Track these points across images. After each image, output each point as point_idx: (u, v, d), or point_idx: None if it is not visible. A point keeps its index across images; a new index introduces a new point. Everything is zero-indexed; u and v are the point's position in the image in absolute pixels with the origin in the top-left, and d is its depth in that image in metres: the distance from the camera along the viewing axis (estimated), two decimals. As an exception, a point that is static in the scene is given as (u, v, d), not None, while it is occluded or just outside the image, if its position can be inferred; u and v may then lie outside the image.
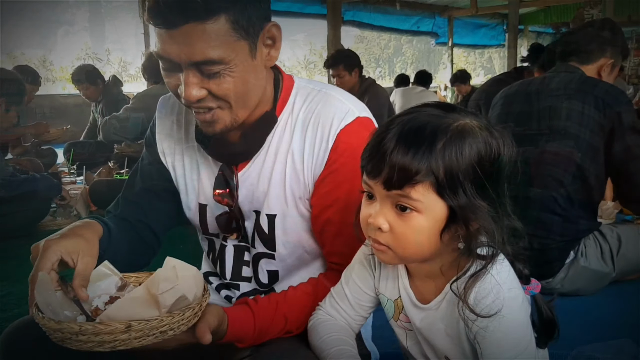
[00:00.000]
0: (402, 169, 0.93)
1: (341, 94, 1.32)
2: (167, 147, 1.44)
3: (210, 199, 1.38)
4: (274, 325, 1.25)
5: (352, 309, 1.22)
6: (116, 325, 0.96)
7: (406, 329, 1.15)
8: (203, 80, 1.14)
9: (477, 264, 0.99)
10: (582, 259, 2.31)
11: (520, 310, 0.99)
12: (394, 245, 0.99)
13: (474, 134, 0.95)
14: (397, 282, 1.14)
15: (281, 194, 1.31)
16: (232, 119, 1.20)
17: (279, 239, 1.34)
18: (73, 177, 4.40)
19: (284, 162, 1.30)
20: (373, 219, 0.99)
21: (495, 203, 0.96)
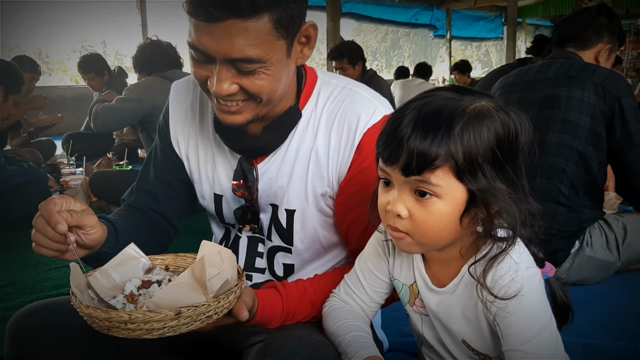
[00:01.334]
0: (421, 155, 0.91)
1: (366, 90, 1.31)
2: (181, 136, 1.42)
3: (227, 190, 1.37)
4: (300, 310, 1.25)
5: (367, 295, 1.21)
6: (166, 312, 0.96)
7: (422, 314, 1.14)
8: (236, 76, 1.11)
9: (495, 246, 0.97)
10: (587, 249, 2.30)
11: (538, 289, 0.98)
12: (413, 231, 0.98)
13: (491, 115, 0.94)
14: (412, 267, 1.13)
15: (302, 189, 1.30)
16: (256, 113, 1.19)
17: (297, 234, 1.34)
18: (72, 168, 4.38)
19: (307, 158, 1.28)
20: (391, 206, 0.98)
21: (514, 185, 0.95)
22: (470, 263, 1.00)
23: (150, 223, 1.46)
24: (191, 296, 1.01)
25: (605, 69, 2.27)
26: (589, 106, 2.17)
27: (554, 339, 0.98)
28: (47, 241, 1.11)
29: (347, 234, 1.33)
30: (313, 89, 1.31)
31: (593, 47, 2.39)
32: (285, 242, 1.36)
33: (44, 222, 1.09)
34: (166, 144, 1.45)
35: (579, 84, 2.20)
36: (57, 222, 1.07)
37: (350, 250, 1.36)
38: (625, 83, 2.21)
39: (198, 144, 1.40)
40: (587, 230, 2.32)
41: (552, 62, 2.37)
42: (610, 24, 2.40)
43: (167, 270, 1.23)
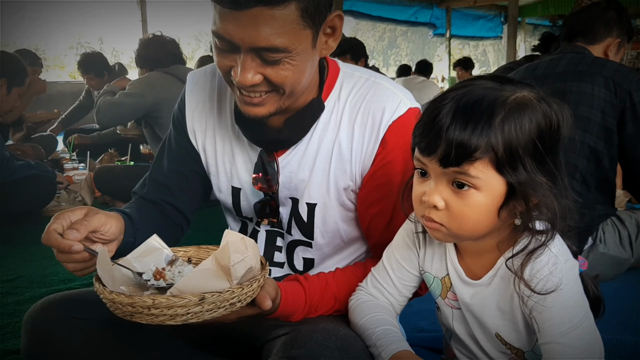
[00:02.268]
0: (460, 146, 0.89)
1: (390, 82, 1.29)
2: (198, 127, 1.39)
3: (246, 183, 1.35)
4: (323, 304, 1.23)
5: (395, 288, 1.19)
6: (190, 297, 0.94)
7: (454, 307, 1.13)
8: (261, 66, 1.09)
9: (534, 239, 0.96)
10: (600, 245, 2.28)
11: (577, 281, 0.97)
12: (449, 223, 0.96)
13: (532, 106, 0.92)
14: (445, 259, 1.11)
15: (324, 183, 1.28)
16: (279, 105, 1.16)
17: (318, 228, 1.32)
18: (75, 164, 4.35)
19: (330, 151, 1.26)
20: (427, 196, 0.96)
21: (554, 178, 0.94)
22: (507, 256, 0.99)
23: (163, 215, 1.44)
24: (215, 282, 1.00)
25: (615, 63, 2.25)
26: (600, 101, 2.15)
27: (592, 330, 0.97)
28: (79, 265, 1.13)
29: (368, 228, 1.32)
30: (335, 81, 1.28)
31: (602, 41, 2.37)
32: (305, 236, 1.35)
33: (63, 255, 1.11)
34: (182, 135, 1.42)
35: (589, 78, 2.18)
36: (69, 247, 1.07)
37: (372, 244, 1.34)
38: (636, 77, 2.19)
39: (216, 136, 1.37)
40: (600, 227, 2.31)
41: (561, 57, 2.34)
42: (619, 18, 2.38)
43: (189, 262, 1.21)
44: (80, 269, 1.13)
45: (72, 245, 1.06)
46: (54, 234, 1.08)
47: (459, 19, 13.17)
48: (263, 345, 1.26)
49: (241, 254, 1.02)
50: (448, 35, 12.98)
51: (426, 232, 1.10)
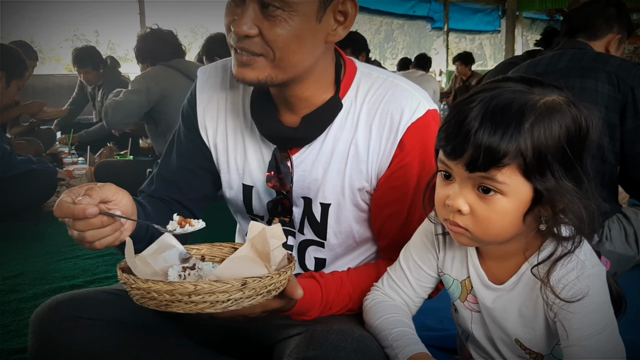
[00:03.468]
0: (489, 150, 0.87)
1: (409, 84, 1.27)
2: (210, 123, 1.37)
3: (258, 181, 1.33)
4: (338, 302, 1.23)
5: (412, 289, 1.18)
6: (233, 282, 0.93)
7: (473, 310, 1.11)
8: (259, 19, 1.08)
9: (560, 246, 0.95)
10: (607, 243, 2.28)
11: (604, 287, 0.96)
12: (474, 228, 0.94)
13: (562, 111, 0.90)
14: (466, 262, 1.09)
15: (338, 183, 1.26)
16: (268, 74, 1.14)
17: (331, 228, 1.31)
18: (74, 158, 4.33)
19: (346, 151, 1.25)
20: (451, 200, 0.94)
21: (581, 182, 0.92)
22: (532, 261, 0.97)
23: (171, 213, 1.41)
24: (254, 269, 0.99)
25: (618, 58, 2.25)
26: (603, 96, 2.15)
27: (616, 335, 0.96)
28: (97, 232, 1.06)
29: (381, 229, 1.31)
30: (352, 80, 1.27)
31: (603, 37, 2.37)
32: (318, 236, 1.33)
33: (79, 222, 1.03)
34: (192, 131, 1.39)
35: (592, 74, 2.18)
36: (83, 210, 1.01)
37: (384, 245, 1.33)
38: (638, 72, 2.18)
39: (227, 132, 1.35)
40: (606, 224, 2.30)
41: (563, 53, 2.34)
42: (619, 14, 2.39)
43: (203, 260, 1.20)
44: (98, 237, 1.07)
45: (86, 209, 1.01)
46: (65, 203, 1.03)
47: (456, 12, 13.15)
48: (274, 345, 1.24)
49: (279, 239, 1.01)
50: (446, 29, 12.97)
51: (446, 233, 1.09)
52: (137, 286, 0.95)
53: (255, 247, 1.01)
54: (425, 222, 1.16)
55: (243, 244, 1.23)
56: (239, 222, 1.50)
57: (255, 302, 0.97)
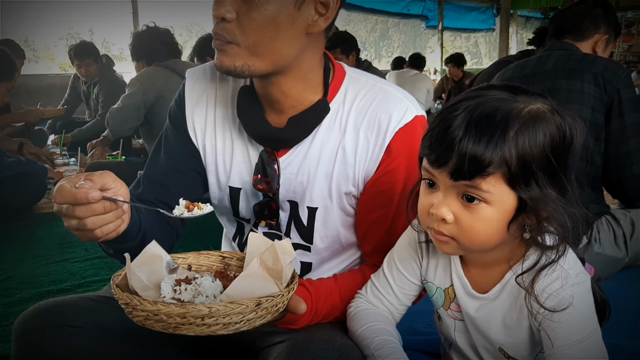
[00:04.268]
0: (473, 159, 0.87)
1: (397, 89, 1.27)
2: (198, 124, 1.36)
3: (245, 183, 1.32)
4: (326, 310, 1.22)
5: (395, 297, 1.17)
6: (247, 303, 0.91)
7: (456, 318, 1.11)
8: (238, 3, 1.09)
9: (544, 255, 0.94)
10: (596, 245, 2.28)
11: (589, 295, 0.96)
12: (459, 237, 0.94)
13: (546, 119, 0.90)
14: (450, 270, 1.09)
15: (326, 187, 1.26)
16: (245, 61, 1.13)
17: (318, 232, 1.31)
18: (66, 159, 4.31)
19: (333, 155, 1.24)
20: (436, 209, 0.93)
21: (565, 190, 0.92)
22: (516, 270, 0.97)
23: (160, 218, 1.37)
24: (265, 287, 0.97)
25: (604, 59, 2.26)
26: (590, 97, 2.15)
27: (599, 342, 0.96)
28: (100, 219, 1.02)
29: (365, 234, 1.30)
30: (341, 84, 1.27)
31: (590, 38, 2.38)
32: (305, 240, 1.33)
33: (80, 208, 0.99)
34: (181, 132, 1.38)
35: (579, 75, 2.18)
36: (86, 194, 0.97)
37: (369, 251, 1.33)
38: (625, 73, 2.19)
39: (216, 134, 1.34)
40: (595, 226, 2.30)
41: (550, 55, 2.34)
42: (606, 15, 2.39)
43: (189, 269, 1.18)
44: (100, 223, 1.02)
45: (88, 192, 0.97)
46: (67, 188, 0.98)
47: (451, 10, 13.15)
48: (259, 352, 1.24)
49: (289, 255, 0.99)
50: (440, 28, 12.96)
51: (430, 241, 1.09)
52: (143, 308, 0.90)
53: (265, 263, 0.99)
54: (408, 230, 1.16)
55: (233, 253, 1.22)
56: (224, 225, 1.49)
57: (266, 321, 0.96)
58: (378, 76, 4.14)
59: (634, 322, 1.95)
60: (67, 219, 1.02)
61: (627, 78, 2.19)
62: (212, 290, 1.07)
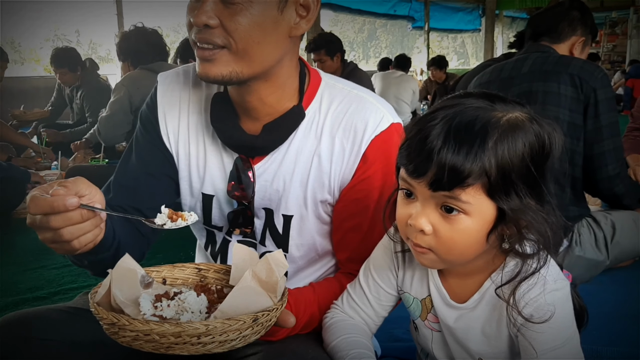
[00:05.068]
0: (453, 170, 0.85)
1: (374, 97, 1.26)
2: (171, 128, 1.33)
3: (219, 191, 1.30)
4: (305, 322, 1.20)
5: (372, 308, 1.15)
6: (244, 319, 0.87)
7: (434, 329, 1.09)
8: (219, 8, 1.06)
9: (525, 264, 0.93)
10: (577, 248, 2.28)
11: (568, 301, 0.95)
12: (437, 248, 0.92)
13: (525, 128, 0.88)
14: (427, 280, 1.07)
15: (301, 195, 1.24)
16: (232, 69, 1.11)
17: (293, 240, 1.29)
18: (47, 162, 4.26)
19: (309, 163, 1.23)
20: (414, 220, 0.92)
21: (544, 200, 0.91)
22: (495, 280, 0.96)
23: (131, 225, 1.34)
24: (259, 301, 0.94)
25: (581, 60, 2.27)
26: (567, 99, 2.16)
27: (577, 348, 0.96)
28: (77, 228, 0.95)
29: (341, 242, 1.29)
30: (317, 90, 1.25)
31: (567, 39, 2.39)
32: (279, 248, 1.31)
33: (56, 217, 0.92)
34: (154, 136, 1.34)
35: (555, 77, 2.19)
36: (63, 202, 0.91)
37: (344, 259, 1.31)
38: (601, 73, 2.20)
39: (189, 139, 1.31)
40: (576, 228, 2.30)
41: (527, 57, 2.35)
42: (583, 17, 2.40)
43: (164, 283, 1.14)
44: (78, 234, 0.96)
45: (66, 199, 0.90)
46: (41, 197, 0.92)
47: (437, 11, 13.22)
48: None
49: (282, 267, 0.97)
50: (427, 28, 13.01)
51: (406, 251, 1.08)
52: (132, 328, 0.84)
53: (258, 275, 0.96)
54: (384, 239, 1.14)
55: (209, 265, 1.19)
56: (195, 233, 1.46)
57: (259, 336, 0.93)
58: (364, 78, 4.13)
59: (613, 327, 1.95)
60: (42, 231, 0.96)
61: (604, 78, 2.20)
62: (198, 305, 1.02)
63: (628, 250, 2.37)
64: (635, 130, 3.77)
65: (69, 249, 0.97)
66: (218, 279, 1.17)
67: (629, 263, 2.52)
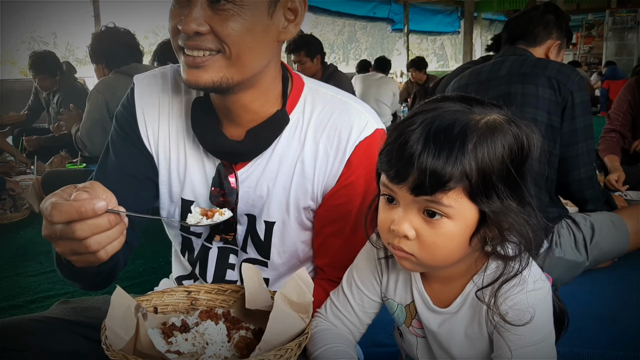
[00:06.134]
0: (434, 174, 0.85)
1: (357, 102, 1.25)
2: (151, 131, 1.29)
3: (200, 196, 1.27)
4: None
5: (356, 316, 1.14)
6: (291, 347, 0.88)
7: (418, 335, 1.09)
8: (208, 15, 1.04)
9: (507, 266, 0.93)
10: (557, 250, 2.30)
11: (548, 303, 0.95)
12: (420, 253, 0.92)
13: (504, 130, 0.88)
14: (410, 286, 1.07)
15: (283, 201, 1.23)
16: (224, 74, 1.08)
17: (275, 247, 1.27)
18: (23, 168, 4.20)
19: (292, 168, 1.21)
20: (396, 225, 0.91)
21: (524, 202, 0.91)
22: (477, 282, 0.96)
23: None
24: (294, 324, 0.93)
25: (557, 63, 2.31)
26: (545, 101, 2.19)
27: (551, 349, 0.96)
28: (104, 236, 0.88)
29: (321, 247, 1.27)
30: (300, 94, 1.24)
31: (543, 43, 2.43)
32: (262, 255, 1.29)
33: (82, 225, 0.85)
34: (134, 138, 1.30)
35: (533, 79, 2.22)
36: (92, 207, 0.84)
37: (324, 264, 1.29)
38: (578, 76, 2.24)
39: (170, 143, 1.28)
40: (556, 230, 2.32)
41: (504, 60, 2.38)
42: (558, 21, 2.45)
43: (156, 312, 1.10)
44: (105, 242, 0.88)
45: (94, 203, 0.83)
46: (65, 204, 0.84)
47: (417, 14, 13.29)
48: None
49: (310, 286, 0.96)
50: (406, 31, 13.08)
51: (389, 257, 1.07)
52: None
53: (288, 297, 0.95)
54: (367, 246, 1.13)
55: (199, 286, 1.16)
56: (171, 239, 1.43)
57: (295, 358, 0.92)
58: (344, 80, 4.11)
59: (593, 329, 1.96)
60: (64, 241, 0.88)
61: (580, 82, 2.24)
62: (221, 336, 1.01)
63: (607, 252, 2.40)
64: (611, 131, 3.83)
65: (93, 260, 0.90)
66: (210, 300, 1.14)
67: (608, 264, 2.53)
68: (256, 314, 1.07)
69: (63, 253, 0.91)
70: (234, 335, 1.02)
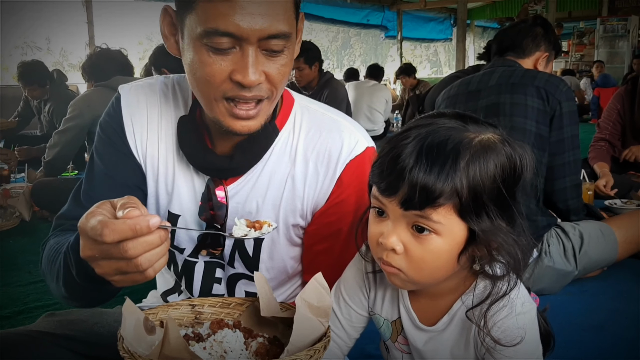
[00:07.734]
0: (425, 189, 0.85)
1: (348, 120, 1.25)
2: (139, 140, 1.25)
3: (187, 210, 1.25)
4: None
5: (343, 330, 1.14)
6: (318, 348, 0.88)
7: (404, 351, 1.09)
8: (263, 62, 1.01)
9: (495, 286, 0.93)
10: (546, 259, 2.30)
11: (534, 324, 0.95)
12: (407, 268, 0.91)
13: (497, 150, 0.89)
14: (397, 302, 1.07)
15: (273, 218, 1.22)
16: (268, 115, 1.09)
17: (264, 263, 1.26)
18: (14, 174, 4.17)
19: (282, 185, 1.20)
20: (385, 239, 0.91)
21: (514, 222, 0.91)
22: (465, 301, 0.96)
23: None
24: (315, 328, 0.93)
25: (546, 74, 2.34)
26: (534, 110, 2.22)
27: None
28: (156, 253, 0.84)
29: (311, 264, 1.27)
30: (290, 110, 1.23)
31: (531, 55, 2.48)
32: (250, 270, 1.28)
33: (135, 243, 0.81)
34: (121, 146, 1.25)
35: (522, 89, 2.26)
36: (147, 224, 0.80)
37: None
38: (566, 87, 2.28)
39: (159, 157, 1.25)
40: (545, 239, 2.32)
41: (494, 71, 2.42)
42: (546, 33, 2.50)
43: (162, 325, 1.06)
44: (155, 259, 0.84)
45: (149, 220, 0.80)
46: (117, 222, 0.80)
47: (410, 21, 13.37)
48: None
49: (327, 291, 0.96)
50: (400, 38, 13.13)
51: (377, 272, 1.07)
52: None
53: (309, 302, 0.94)
54: (356, 260, 1.13)
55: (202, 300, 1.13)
56: None
57: None
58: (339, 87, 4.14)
59: (581, 338, 1.96)
60: (108, 262, 0.84)
61: (568, 92, 2.27)
62: (239, 343, 1.00)
63: (596, 261, 2.41)
64: (601, 140, 3.86)
65: (140, 279, 0.86)
66: (214, 313, 1.13)
67: (597, 273, 2.54)
68: (266, 324, 1.07)
69: (104, 274, 0.86)
70: (251, 343, 1.01)
